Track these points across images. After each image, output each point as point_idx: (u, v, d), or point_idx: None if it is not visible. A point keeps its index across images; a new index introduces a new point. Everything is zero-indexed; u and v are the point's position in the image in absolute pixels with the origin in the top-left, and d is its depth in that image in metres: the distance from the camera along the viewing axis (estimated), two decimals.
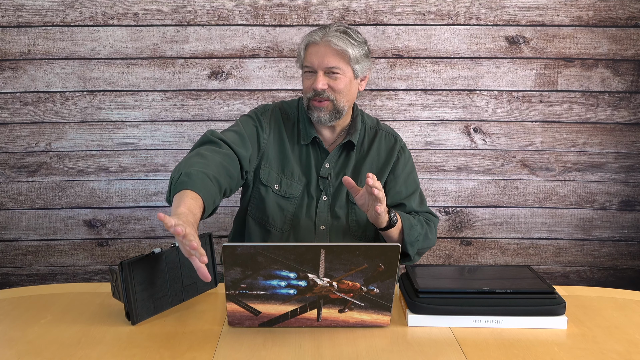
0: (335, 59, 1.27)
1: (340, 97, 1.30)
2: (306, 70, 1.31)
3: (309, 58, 1.29)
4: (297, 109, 1.41)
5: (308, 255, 0.91)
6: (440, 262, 2.12)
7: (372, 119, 1.46)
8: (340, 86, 1.29)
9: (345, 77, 1.30)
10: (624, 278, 2.14)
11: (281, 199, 1.36)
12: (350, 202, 1.37)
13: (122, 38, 1.93)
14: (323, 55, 1.27)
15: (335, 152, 1.38)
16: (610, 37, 1.95)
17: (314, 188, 1.37)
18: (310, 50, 1.29)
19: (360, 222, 1.38)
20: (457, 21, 1.94)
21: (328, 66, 1.27)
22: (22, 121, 1.99)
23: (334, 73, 1.28)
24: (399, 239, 1.28)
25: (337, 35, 1.27)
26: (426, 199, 1.48)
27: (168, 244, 1.08)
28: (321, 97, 1.29)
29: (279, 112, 1.40)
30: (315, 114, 1.31)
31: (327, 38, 1.27)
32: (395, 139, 1.43)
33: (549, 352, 0.92)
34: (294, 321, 0.98)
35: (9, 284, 2.10)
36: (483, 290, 1.02)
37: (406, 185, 1.40)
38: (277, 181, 1.35)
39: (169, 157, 2.03)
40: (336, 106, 1.30)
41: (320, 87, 1.28)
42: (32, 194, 2.04)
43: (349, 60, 1.28)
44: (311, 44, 1.30)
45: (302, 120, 1.38)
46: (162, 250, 1.04)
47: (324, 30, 1.29)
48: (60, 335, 0.97)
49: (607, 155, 2.04)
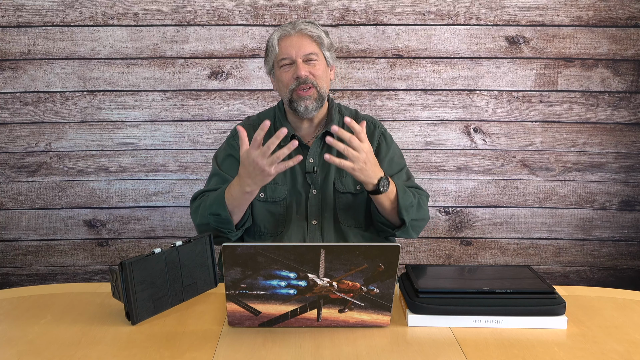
0: (311, 46, 1.34)
1: (321, 82, 1.34)
2: (283, 64, 1.34)
3: (285, 50, 1.33)
4: (272, 115, 1.44)
5: (308, 255, 0.91)
6: (440, 262, 2.12)
7: (350, 110, 1.48)
8: (319, 72, 1.34)
9: (321, 63, 1.35)
10: (624, 278, 2.14)
11: (270, 204, 1.38)
12: (337, 191, 1.38)
13: (122, 38, 1.93)
14: (299, 44, 1.32)
15: (316, 146, 1.39)
16: (610, 37, 1.95)
17: (302, 184, 1.38)
18: (284, 43, 1.33)
19: (347, 209, 1.38)
20: (457, 21, 1.94)
21: (306, 53, 1.32)
22: (22, 121, 1.99)
23: (310, 60, 1.33)
24: (392, 206, 1.28)
25: (308, 24, 1.35)
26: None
27: (168, 244, 1.08)
28: (305, 84, 1.31)
29: (250, 127, 1.40)
30: (302, 104, 1.32)
31: (300, 27, 1.34)
32: (375, 125, 1.45)
33: (549, 352, 0.92)
34: (294, 321, 0.98)
35: (9, 284, 2.10)
36: (483, 290, 1.02)
37: (391, 167, 1.40)
38: (262, 189, 1.35)
39: (169, 157, 2.03)
40: (319, 92, 1.34)
41: (303, 74, 1.31)
42: (32, 194, 2.04)
43: (321, 47, 1.35)
44: (284, 36, 1.34)
45: (278, 122, 1.41)
46: (162, 250, 1.04)
47: (291, 24, 1.35)
48: (60, 335, 0.97)
49: (607, 155, 2.04)
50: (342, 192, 1.37)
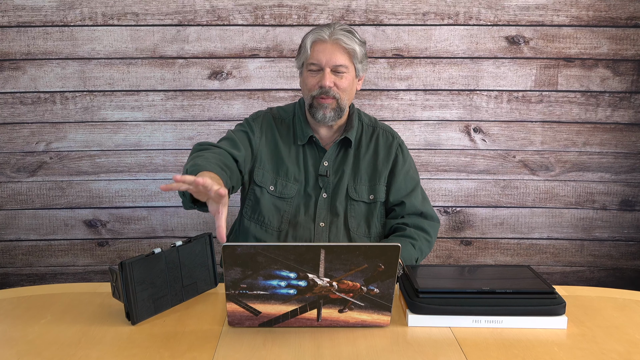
0: (343, 57, 1.31)
1: (344, 95, 1.33)
2: (311, 68, 1.32)
3: (315, 55, 1.31)
4: (292, 112, 1.44)
5: (308, 255, 0.91)
6: (440, 262, 2.12)
7: (369, 118, 1.48)
8: (345, 84, 1.32)
9: (350, 75, 1.33)
10: (624, 278, 2.14)
11: (277, 199, 1.37)
12: (350, 198, 1.38)
13: (122, 38, 1.93)
14: (331, 53, 1.30)
15: (333, 150, 1.39)
16: (610, 37, 1.95)
17: (313, 186, 1.38)
18: (317, 48, 1.31)
19: (358, 218, 1.39)
20: (457, 21, 1.94)
21: (336, 64, 1.30)
22: (22, 121, 1.99)
23: (339, 72, 1.31)
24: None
25: (345, 34, 1.31)
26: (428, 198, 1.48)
27: (168, 244, 1.08)
28: (327, 94, 1.31)
29: (270, 117, 1.43)
30: (320, 112, 1.32)
31: (335, 37, 1.30)
32: (393, 136, 1.45)
33: (549, 352, 0.92)
34: (294, 321, 0.98)
35: (9, 284, 2.10)
36: (483, 290, 1.02)
37: (405, 182, 1.41)
38: (272, 182, 1.37)
39: (169, 157, 2.03)
40: (339, 104, 1.33)
41: (328, 85, 1.30)
42: (32, 194, 2.04)
43: (353, 59, 1.32)
44: (318, 41, 1.31)
45: (298, 122, 1.41)
46: (162, 250, 1.04)
47: (330, 28, 1.32)
48: (60, 335, 0.97)
49: (607, 155, 2.04)
50: (355, 200, 1.38)
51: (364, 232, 1.39)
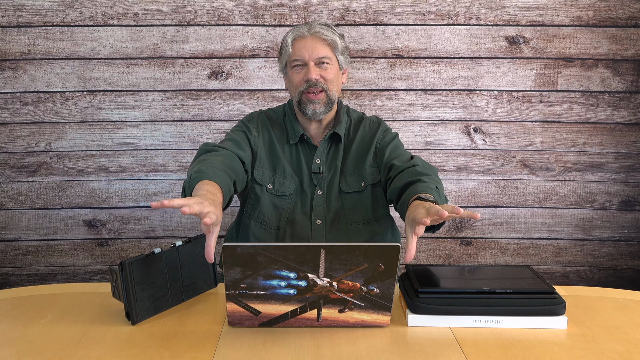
0: (325, 49, 1.33)
1: (332, 86, 1.35)
2: (295, 64, 1.34)
3: (298, 52, 1.33)
4: (282, 112, 1.46)
5: (308, 255, 0.91)
6: (440, 262, 2.12)
7: (357, 113, 1.49)
8: (331, 75, 1.34)
9: (334, 67, 1.35)
10: (624, 278, 2.14)
11: (275, 197, 1.38)
12: (343, 192, 1.38)
13: (122, 38, 1.93)
14: (312, 46, 1.32)
15: (324, 147, 1.41)
16: (610, 37, 1.95)
17: (308, 184, 1.39)
18: (298, 44, 1.34)
19: (358, 208, 1.39)
20: (457, 21, 1.94)
21: (319, 56, 1.32)
22: (22, 121, 1.99)
23: (323, 63, 1.33)
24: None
25: (323, 27, 1.34)
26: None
27: (168, 244, 1.08)
28: (315, 87, 1.32)
29: (264, 116, 1.45)
30: (310, 107, 1.34)
31: (314, 30, 1.33)
32: (379, 123, 1.46)
33: (549, 352, 0.92)
34: (294, 321, 0.98)
35: (9, 284, 2.10)
36: (483, 290, 1.02)
37: (395, 152, 1.39)
38: (270, 180, 1.38)
39: (169, 157, 2.03)
40: (329, 96, 1.35)
41: (314, 77, 1.31)
42: (32, 194, 2.04)
43: (335, 51, 1.35)
44: (298, 37, 1.34)
45: (288, 121, 1.43)
46: (162, 250, 1.04)
47: (308, 25, 1.35)
48: (60, 335, 0.97)
49: (607, 155, 2.04)
50: (347, 192, 1.38)
51: (371, 217, 1.39)
